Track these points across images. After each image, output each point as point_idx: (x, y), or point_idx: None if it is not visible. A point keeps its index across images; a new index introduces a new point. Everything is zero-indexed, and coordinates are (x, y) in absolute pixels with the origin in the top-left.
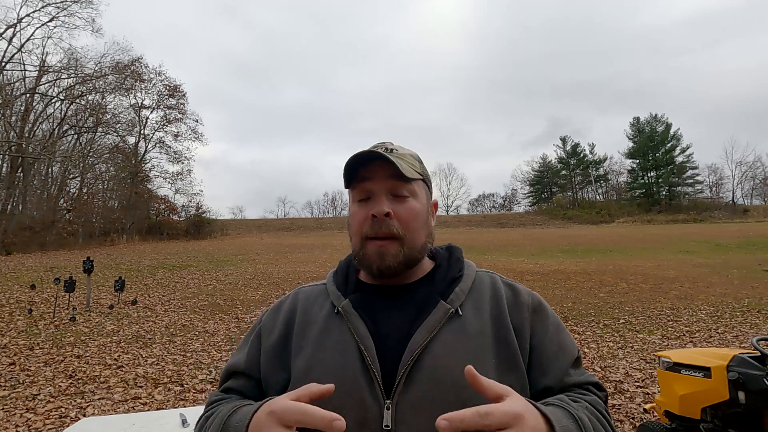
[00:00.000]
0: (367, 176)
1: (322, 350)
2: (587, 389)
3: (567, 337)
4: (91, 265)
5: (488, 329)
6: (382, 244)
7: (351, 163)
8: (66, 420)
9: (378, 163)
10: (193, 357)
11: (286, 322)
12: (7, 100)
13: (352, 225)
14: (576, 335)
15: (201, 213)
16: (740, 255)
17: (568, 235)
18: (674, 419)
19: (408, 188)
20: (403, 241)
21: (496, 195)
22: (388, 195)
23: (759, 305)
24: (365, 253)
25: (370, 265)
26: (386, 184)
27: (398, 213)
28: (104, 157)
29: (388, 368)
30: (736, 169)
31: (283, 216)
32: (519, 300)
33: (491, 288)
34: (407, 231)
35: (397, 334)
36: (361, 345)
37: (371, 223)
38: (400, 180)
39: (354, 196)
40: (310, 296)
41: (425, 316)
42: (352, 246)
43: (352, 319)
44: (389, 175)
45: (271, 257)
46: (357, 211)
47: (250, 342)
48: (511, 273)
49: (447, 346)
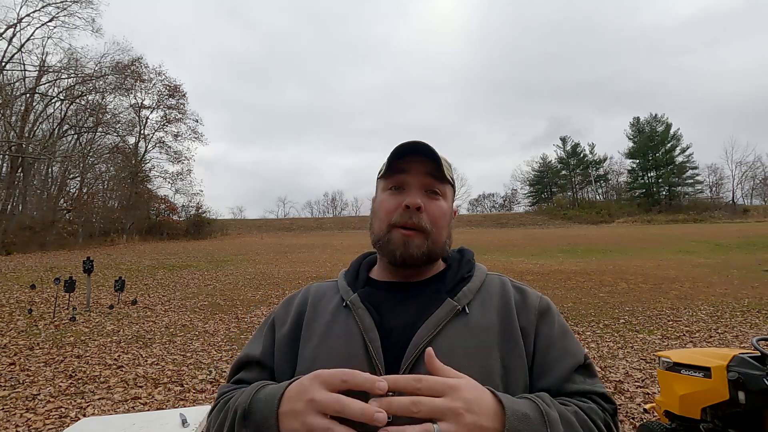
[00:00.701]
0: (405, 168)
1: (327, 341)
2: (591, 398)
3: (572, 342)
4: (91, 265)
5: (495, 327)
6: (408, 233)
7: (398, 150)
8: (66, 420)
9: (418, 158)
10: (193, 357)
11: (297, 313)
12: (7, 100)
13: (380, 212)
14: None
15: (201, 213)
16: (740, 255)
17: (568, 235)
18: (674, 419)
19: (440, 188)
20: (428, 236)
21: (496, 195)
22: (422, 190)
23: (759, 305)
24: (390, 239)
25: (393, 251)
26: (424, 179)
27: (429, 209)
28: (104, 157)
29: (392, 361)
30: (736, 169)
31: (283, 216)
32: (527, 302)
33: (500, 289)
34: (434, 227)
35: (402, 328)
36: (366, 337)
37: (402, 212)
38: (436, 179)
39: (385, 185)
40: (320, 290)
41: (431, 312)
42: (374, 231)
43: (358, 312)
44: (426, 171)
45: (271, 257)
46: (387, 199)
47: (264, 332)
48: (511, 273)
49: (451, 342)
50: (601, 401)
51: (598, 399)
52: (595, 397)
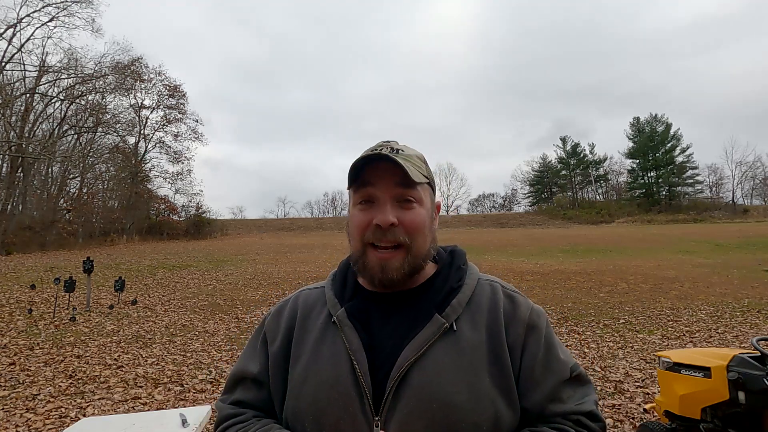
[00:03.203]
0: (371, 180)
1: (316, 361)
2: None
3: (557, 359)
4: (91, 265)
5: (483, 345)
6: (384, 256)
7: (358, 165)
8: (66, 420)
9: (384, 165)
10: (193, 357)
11: (287, 329)
12: (7, 100)
13: (353, 229)
14: (576, 335)
15: (201, 213)
16: (740, 255)
17: (568, 235)
18: (674, 419)
19: (414, 194)
20: (408, 249)
21: (496, 195)
22: (393, 201)
23: (759, 305)
24: (366, 261)
25: (372, 276)
26: (392, 191)
27: (403, 221)
28: (104, 157)
29: (379, 383)
30: (736, 169)
31: (283, 216)
32: (517, 314)
33: (490, 300)
34: (412, 239)
35: (389, 347)
36: (353, 358)
37: (374, 230)
38: (407, 187)
39: (355, 199)
40: (309, 301)
41: (419, 330)
42: (351, 249)
43: (345, 331)
44: (396, 181)
45: (271, 257)
46: (358, 215)
47: (258, 348)
48: (511, 273)
49: (438, 363)
50: (587, 421)
51: (583, 420)
52: (581, 418)
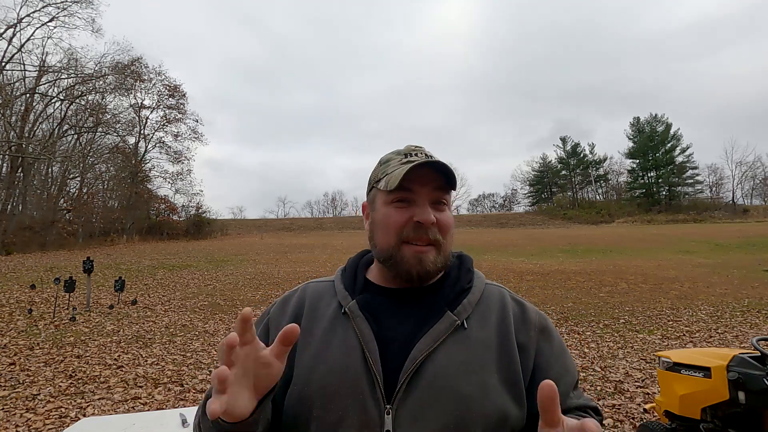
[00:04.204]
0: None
1: (326, 349)
2: (587, 413)
3: (570, 360)
4: (91, 265)
5: (493, 343)
6: (421, 249)
7: (407, 170)
8: (66, 420)
9: (425, 170)
10: (193, 357)
11: (294, 315)
12: (7, 100)
13: (388, 226)
14: (576, 335)
15: (201, 213)
16: (740, 255)
17: (568, 235)
18: (674, 419)
19: (447, 197)
20: (440, 248)
21: (496, 195)
22: (430, 203)
23: (759, 305)
24: (402, 256)
25: (408, 269)
26: (432, 194)
27: (439, 221)
28: (104, 157)
29: (391, 373)
30: (736, 169)
31: (283, 216)
32: (526, 318)
33: (499, 303)
34: (444, 238)
35: (401, 339)
36: (365, 348)
37: (414, 227)
38: (445, 191)
39: (389, 197)
40: (317, 292)
41: (431, 325)
42: (379, 245)
43: (357, 321)
44: (436, 185)
45: (271, 257)
46: (394, 213)
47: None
48: (511, 273)
49: (450, 357)
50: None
51: (591, 413)
52: (589, 411)
